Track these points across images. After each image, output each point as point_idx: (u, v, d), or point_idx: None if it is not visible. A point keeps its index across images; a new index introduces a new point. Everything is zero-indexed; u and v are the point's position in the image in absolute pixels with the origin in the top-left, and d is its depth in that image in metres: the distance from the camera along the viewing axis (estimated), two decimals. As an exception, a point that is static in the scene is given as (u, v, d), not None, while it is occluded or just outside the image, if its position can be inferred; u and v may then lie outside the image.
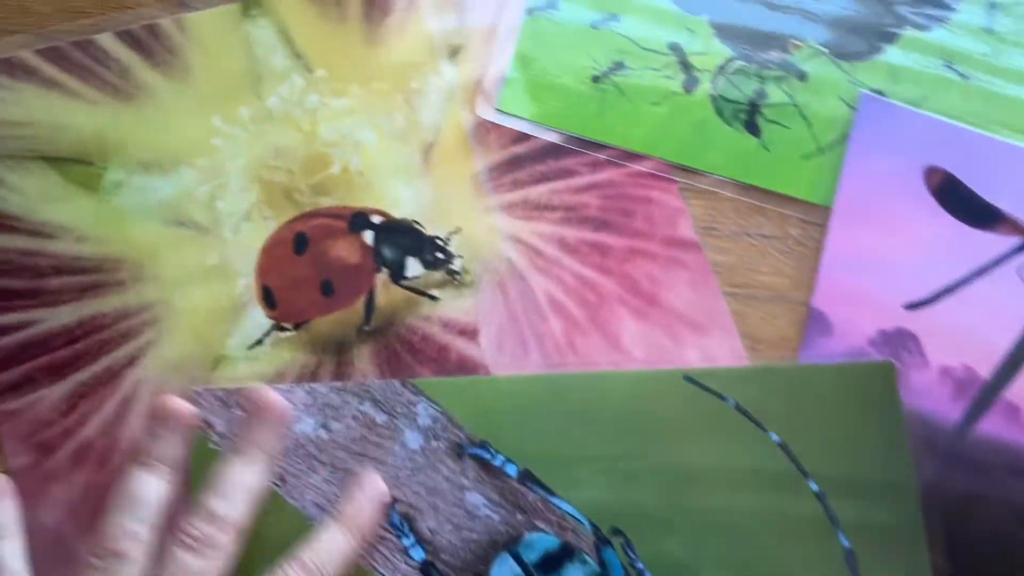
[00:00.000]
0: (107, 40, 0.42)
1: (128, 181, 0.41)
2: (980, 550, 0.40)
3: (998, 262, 0.43)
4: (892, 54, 0.45)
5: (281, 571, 0.33)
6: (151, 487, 0.34)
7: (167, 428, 0.35)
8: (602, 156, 0.43)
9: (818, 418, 0.40)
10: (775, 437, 0.39)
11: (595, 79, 0.44)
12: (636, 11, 0.45)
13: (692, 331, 0.41)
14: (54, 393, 0.38)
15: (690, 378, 0.40)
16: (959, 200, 0.43)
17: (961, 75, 0.45)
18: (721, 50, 0.45)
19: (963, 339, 0.42)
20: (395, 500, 0.37)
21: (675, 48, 0.45)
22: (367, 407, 0.38)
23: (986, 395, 0.41)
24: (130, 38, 0.42)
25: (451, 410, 0.39)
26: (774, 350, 0.42)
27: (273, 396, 0.36)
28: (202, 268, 0.40)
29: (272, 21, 0.43)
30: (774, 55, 0.45)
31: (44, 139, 0.41)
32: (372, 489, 0.36)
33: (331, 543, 0.34)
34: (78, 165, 0.41)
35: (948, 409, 0.41)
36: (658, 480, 0.39)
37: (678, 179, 0.43)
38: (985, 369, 0.41)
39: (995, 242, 0.43)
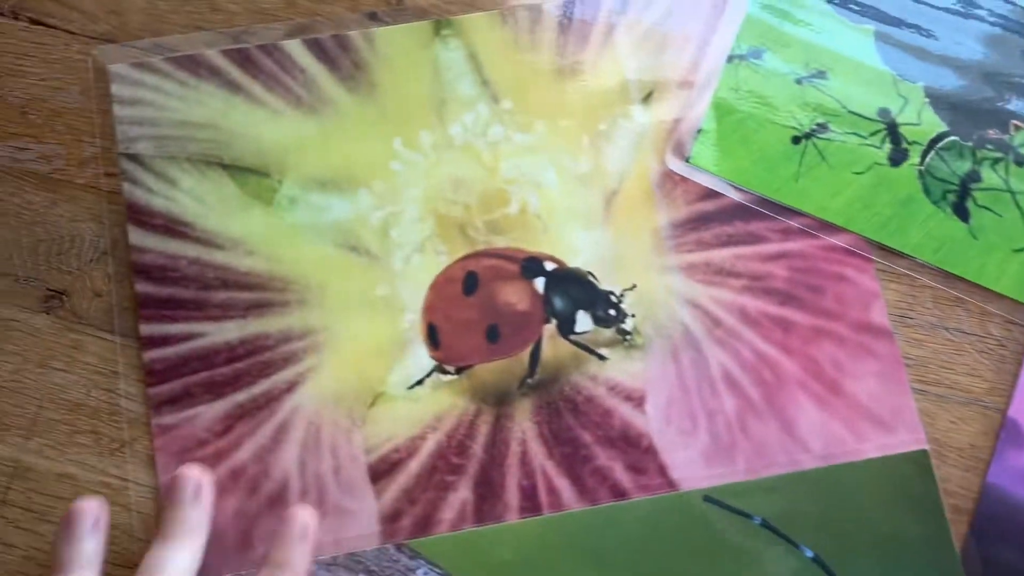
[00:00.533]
0: (295, 47, 0.41)
1: (303, 198, 0.40)
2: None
3: None
4: (1122, 145, 0.41)
5: None
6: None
7: (82, 532, 0.33)
8: (795, 224, 0.40)
9: (853, 521, 0.37)
10: (808, 552, 0.37)
11: (795, 139, 0.41)
12: (847, 71, 0.42)
13: (875, 427, 0.38)
14: (211, 411, 0.37)
15: (711, 498, 0.37)
16: None
17: None
18: (935, 122, 0.41)
19: None
20: None
21: (885, 115, 0.42)
22: (362, 581, 0.36)
23: None
24: (318, 48, 0.41)
25: (454, 571, 0.36)
26: (962, 458, 0.38)
27: (186, 472, 0.34)
28: (369, 298, 0.39)
29: (463, 43, 0.41)
30: (992, 134, 0.41)
31: (223, 144, 0.40)
32: (297, 525, 0.34)
33: None
34: (254, 176, 0.40)
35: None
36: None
37: (875, 258, 0.40)
38: None
39: None
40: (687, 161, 0.41)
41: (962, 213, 0.41)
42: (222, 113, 0.40)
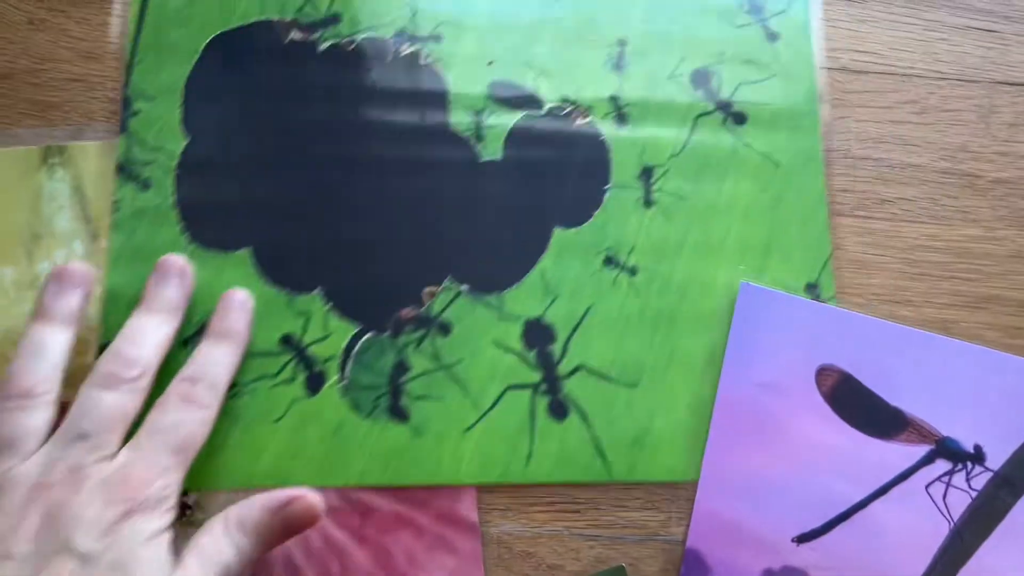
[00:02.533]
0: None
1: None
2: None
3: (902, 477, 0.37)
4: (545, 262, 0.39)
5: (171, 389, 0.34)
6: (54, 337, 0.33)
7: (66, 286, 0.34)
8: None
9: None
10: None
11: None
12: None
13: None
14: None
15: None
16: (857, 405, 0.37)
17: (627, 270, 0.39)
18: (344, 327, 0.38)
19: (863, 573, 0.36)
20: None
21: (289, 342, 0.38)
22: None
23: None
24: None
25: None
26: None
27: (174, 257, 0.37)
28: None
29: (70, 174, 0.38)
30: (408, 313, 0.38)
31: None
32: (235, 299, 0.37)
33: (210, 354, 0.35)
34: None
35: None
36: None
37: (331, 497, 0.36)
38: (889, 611, 0.36)
39: (898, 453, 0.37)
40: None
41: (400, 414, 0.37)
42: None
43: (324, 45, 0.41)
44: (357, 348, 0.38)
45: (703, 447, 0.37)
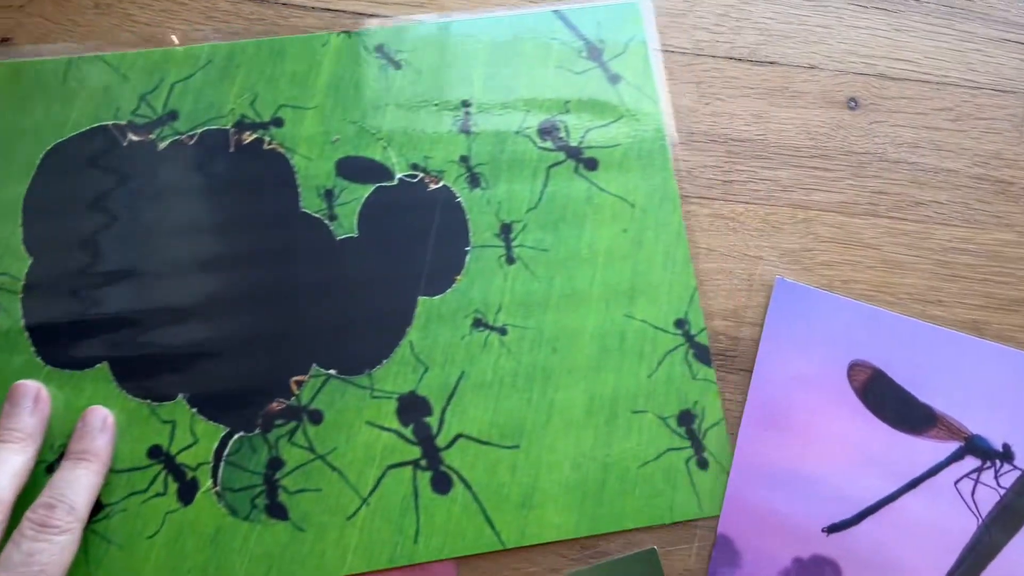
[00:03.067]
0: None
1: None
2: None
3: (932, 472, 0.37)
4: (412, 334, 0.39)
5: (25, 518, 0.33)
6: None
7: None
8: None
9: None
10: None
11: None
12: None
13: None
14: None
15: None
16: (888, 401, 0.38)
17: (497, 330, 0.39)
18: (212, 430, 0.37)
19: (890, 567, 0.36)
20: None
21: (157, 453, 0.37)
22: None
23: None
24: None
25: None
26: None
27: (27, 383, 0.36)
28: None
29: None
30: (276, 406, 0.38)
31: None
32: (94, 417, 0.36)
33: (68, 477, 0.34)
34: None
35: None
36: None
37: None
38: (918, 601, 0.36)
39: (928, 449, 0.38)
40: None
41: (279, 512, 0.36)
42: None
43: (164, 144, 0.40)
44: (228, 450, 0.37)
45: (592, 501, 0.37)
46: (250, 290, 0.39)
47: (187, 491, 0.36)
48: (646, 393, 0.39)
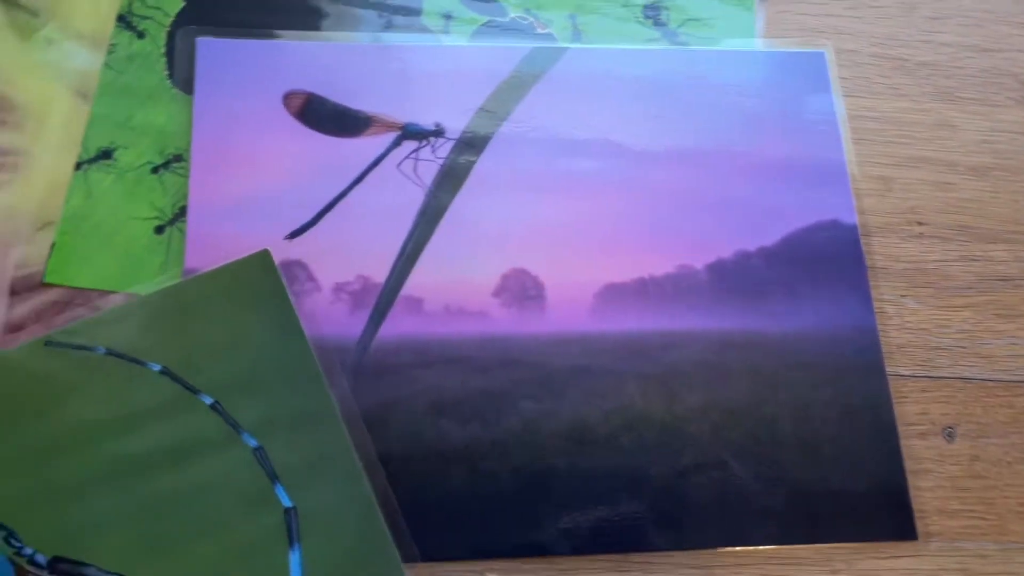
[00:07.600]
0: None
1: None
2: (403, 448, 0.37)
3: (375, 164, 0.42)
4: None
5: None
6: None
7: None
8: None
9: (203, 329, 0.37)
10: (154, 367, 0.36)
11: (158, 229, 0.40)
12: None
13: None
14: None
15: (52, 341, 0.36)
16: (324, 116, 0.42)
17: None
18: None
19: (354, 251, 0.40)
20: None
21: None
22: None
23: (386, 297, 0.39)
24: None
25: None
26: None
27: None
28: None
29: None
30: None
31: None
32: None
33: None
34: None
35: (349, 325, 0.39)
36: (29, 458, 0.34)
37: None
38: (381, 274, 0.40)
39: (370, 145, 0.42)
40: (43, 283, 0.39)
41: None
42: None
43: None
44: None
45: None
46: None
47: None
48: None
